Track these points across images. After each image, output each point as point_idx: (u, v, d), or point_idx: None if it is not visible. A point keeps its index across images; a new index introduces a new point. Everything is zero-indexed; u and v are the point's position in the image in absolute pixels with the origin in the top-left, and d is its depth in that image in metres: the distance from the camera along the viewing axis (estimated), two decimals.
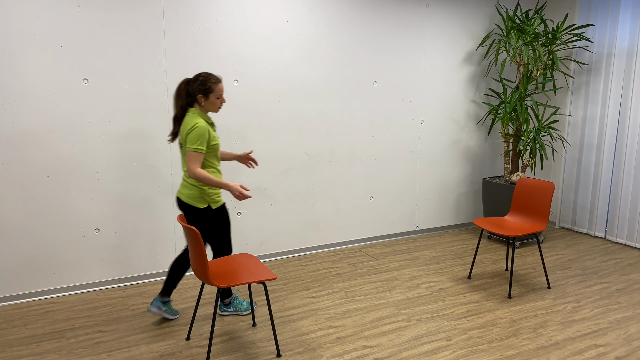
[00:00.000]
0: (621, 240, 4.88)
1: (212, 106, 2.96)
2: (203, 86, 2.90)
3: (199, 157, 2.84)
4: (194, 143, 2.82)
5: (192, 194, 2.95)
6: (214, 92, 2.92)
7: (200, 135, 2.82)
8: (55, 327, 3.16)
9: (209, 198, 2.97)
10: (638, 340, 3.03)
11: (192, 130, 2.83)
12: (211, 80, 2.91)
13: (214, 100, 2.94)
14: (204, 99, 2.93)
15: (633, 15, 4.62)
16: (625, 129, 4.76)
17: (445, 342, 3.01)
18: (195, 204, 2.95)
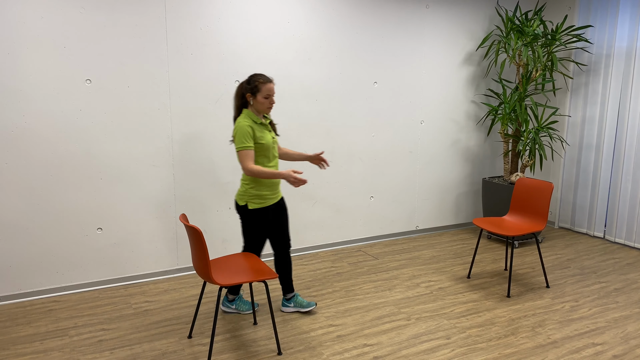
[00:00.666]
0: (620, 240, 4.91)
1: (261, 106, 3.00)
2: (250, 85, 2.96)
3: (248, 154, 2.92)
4: (240, 143, 2.92)
5: (238, 191, 3.13)
6: (261, 92, 2.96)
7: (242, 134, 2.90)
8: (58, 325, 3.19)
9: (247, 197, 3.04)
10: (635, 339, 3.06)
11: (239, 129, 2.93)
12: (259, 79, 2.95)
13: (262, 100, 2.98)
14: (252, 98, 2.99)
15: (632, 17, 4.65)
16: (624, 130, 4.79)
17: (444, 340, 3.04)
18: (238, 200, 3.09)
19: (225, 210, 4.13)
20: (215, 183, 4.07)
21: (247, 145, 2.91)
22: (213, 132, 3.99)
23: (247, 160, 2.92)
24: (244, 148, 2.91)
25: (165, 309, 3.43)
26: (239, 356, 2.85)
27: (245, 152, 2.92)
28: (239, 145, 2.92)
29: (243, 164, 2.93)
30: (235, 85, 4.01)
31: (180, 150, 3.89)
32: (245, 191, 3.05)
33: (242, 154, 2.92)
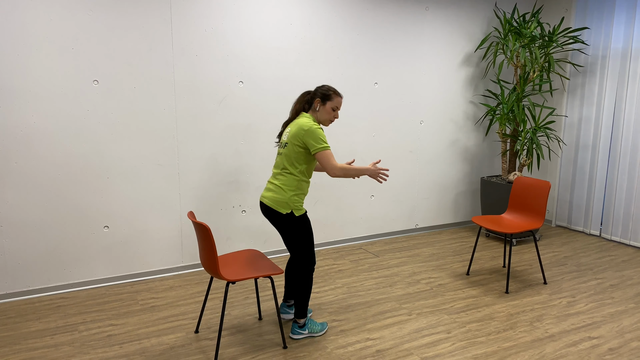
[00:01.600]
0: (615, 238, 5.00)
1: (326, 114, 2.97)
2: (324, 92, 2.95)
3: (331, 154, 2.84)
4: (321, 142, 2.83)
5: (276, 198, 2.89)
6: (332, 101, 2.95)
7: (320, 134, 2.83)
8: (67, 320, 3.26)
9: (292, 204, 2.90)
10: (630, 333, 3.15)
11: (311, 132, 2.82)
12: (332, 90, 2.96)
13: (329, 109, 2.96)
14: (320, 104, 2.95)
15: (627, 19, 4.74)
16: (620, 130, 4.88)
17: (445, 334, 3.12)
18: (279, 208, 2.89)
19: (229, 208, 4.21)
20: (219, 182, 4.14)
21: (327, 145, 2.84)
22: (217, 132, 4.07)
23: (332, 159, 2.83)
24: (326, 147, 2.83)
25: (171, 305, 3.51)
26: (245, 350, 2.93)
27: (329, 152, 2.83)
28: (320, 145, 2.82)
29: (330, 164, 2.82)
30: (239, 86, 4.08)
31: (185, 149, 3.97)
32: (289, 198, 2.89)
33: (327, 154, 2.82)
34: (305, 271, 2.99)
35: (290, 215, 2.90)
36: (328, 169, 2.84)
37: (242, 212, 4.28)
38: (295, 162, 2.90)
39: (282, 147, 2.97)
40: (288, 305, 3.32)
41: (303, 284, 3.00)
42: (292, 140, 2.88)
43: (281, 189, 2.90)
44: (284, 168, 2.92)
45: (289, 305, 3.32)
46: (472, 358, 2.84)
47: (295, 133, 2.87)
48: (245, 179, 4.25)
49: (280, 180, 2.92)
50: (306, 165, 2.93)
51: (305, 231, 2.95)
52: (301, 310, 3.04)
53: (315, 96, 2.97)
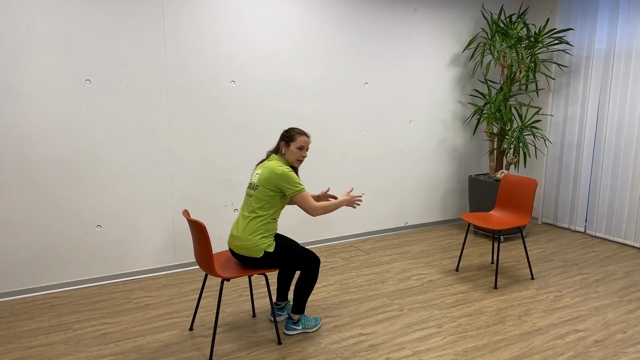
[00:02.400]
0: (600, 234, 5.12)
1: (292, 156, 2.98)
2: (287, 134, 2.99)
3: (308, 194, 2.91)
4: (296, 185, 2.88)
5: (245, 246, 2.88)
6: (296, 142, 2.97)
7: (293, 177, 2.87)
8: (61, 319, 3.27)
9: (263, 246, 2.88)
10: (615, 326, 3.24)
11: (284, 175, 2.86)
12: (295, 130, 3.00)
13: (294, 150, 2.97)
14: (285, 147, 2.99)
15: (610, 20, 4.86)
16: (603, 128, 5.00)
17: (436, 329, 3.19)
18: (253, 255, 2.88)
19: (221, 207, 4.24)
20: (211, 181, 4.17)
21: (303, 187, 2.90)
22: (209, 131, 4.09)
23: (309, 200, 2.90)
24: (302, 189, 2.89)
25: (165, 303, 3.53)
26: (240, 346, 2.96)
27: (305, 194, 2.90)
28: (296, 188, 2.87)
29: (309, 205, 2.90)
30: (231, 87, 4.11)
31: (178, 149, 3.99)
32: (259, 241, 2.88)
33: (304, 196, 2.89)
34: (312, 271, 3.01)
35: (266, 255, 2.90)
36: (309, 210, 2.91)
37: (234, 210, 4.32)
38: (267, 205, 2.90)
39: (251, 189, 2.96)
40: (279, 308, 3.32)
41: (307, 282, 3.02)
42: (264, 184, 2.88)
43: (248, 239, 2.87)
44: (253, 211, 2.90)
45: (279, 307, 3.32)
46: (463, 351, 2.91)
47: (267, 177, 2.88)
48: (238, 178, 4.28)
49: (249, 227, 2.89)
50: (277, 208, 2.94)
51: (287, 252, 2.94)
52: (300, 306, 3.07)
53: (280, 139, 3.02)
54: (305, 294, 3.05)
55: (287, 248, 2.96)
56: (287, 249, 2.96)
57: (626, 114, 4.79)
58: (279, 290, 3.29)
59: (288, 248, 2.96)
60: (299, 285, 3.04)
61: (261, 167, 2.96)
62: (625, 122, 4.81)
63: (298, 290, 3.05)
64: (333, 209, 2.99)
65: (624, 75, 4.78)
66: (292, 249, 2.97)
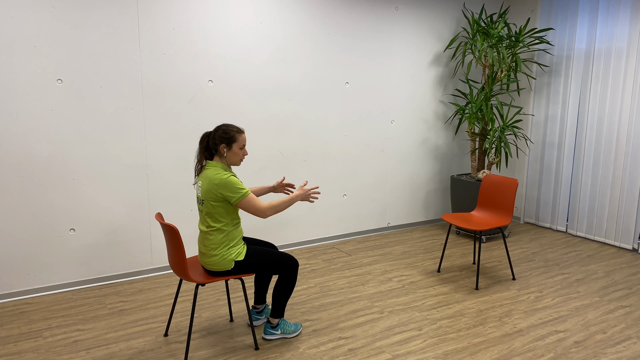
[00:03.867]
0: (581, 233, 5.14)
1: (235, 157, 2.81)
2: (226, 135, 2.77)
3: (253, 197, 2.73)
4: (238, 191, 2.69)
5: (215, 262, 2.77)
6: (238, 142, 2.79)
7: (234, 183, 2.69)
8: (31, 327, 3.17)
9: (232, 257, 2.78)
10: (595, 326, 3.23)
11: (224, 182, 2.68)
12: (234, 129, 2.79)
13: (237, 151, 2.80)
14: (226, 149, 2.78)
15: (590, 20, 4.87)
16: (584, 128, 5.01)
17: (416, 331, 3.14)
18: (225, 268, 2.78)
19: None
20: (189, 182, 4.08)
21: (246, 190, 2.72)
22: (186, 132, 4.01)
23: (256, 203, 2.72)
24: (246, 194, 2.71)
25: (140, 308, 3.44)
26: (216, 352, 2.89)
27: (249, 197, 2.71)
28: (238, 195, 2.69)
29: (257, 209, 2.72)
30: (209, 86, 4.04)
31: (154, 150, 3.90)
32: (225, 253, 2.77)
33: (248, 200, 2.71)
34: (290, 275, 2.93)
35: (237, 264, 2.80)
36: (257, 214, 2.74)
37: None
38: (218, 216, 2.75)
39: (199, 204, 2.82)
40: (258, 312, 3.23)
41: (285, 286, 2.94)
42: (207, 197, 2.73)
43: (214, 255, 2.77)
44: (209, 226, 2.77)
45: (258, 311, 3.23)
46: (443, 354, 2.87)
47: (207, 189, 2.72)
48: None
49: (211, 242, 2.77)
50: (230, 216, 2.79)
51: (259, 258, 2.84)
52: (278, 310, 3.00)
53: (218, 141, 2.78)
54: (284, 297, 2.97)
55: (259, 253, 2.85)
56: (260, 254, 2.85)
57: (606, 114, 4.81)
58: (257, 293, 3.21)
59: (260, 253, 2.85)
60: (277, 289, 2.96)
61: (201, 179, 2.78)
62: (605, 122, 4.82)
63: (276, 294, 2.97)
64: (284, 207, 2.79)
65: (603, 75, 4.79)
66: (265, 254, 2.86)
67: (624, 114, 4.66)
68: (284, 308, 3.02)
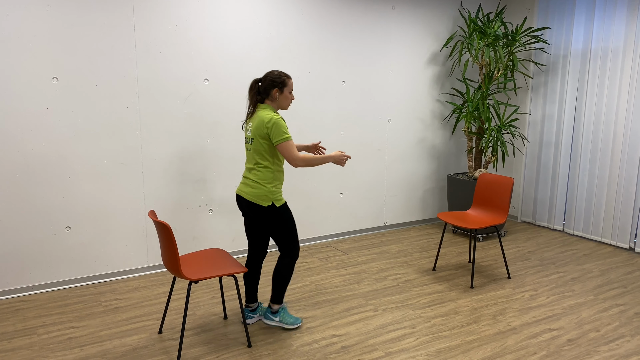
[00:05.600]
0: (578, 232, 5.14)
1: (285, 101, 3.00)
2: (279, 79, 2.96)
3: (292, 144, 2.88)
4: (282, 134, 2.85)
5: (255, 193, 2.94)
6: (288, 86, 2.99)
7: (281, 126, 2.85)
8: (26, 324, 3.18)
9: (272, 196, 2.95)
10: (589, 324, 3.24)
11: (272, 124, 2.85)
12: (283, 74, 2.98)
13: (287, 95, 3.00)
14: (279, 93, 2.97)
15: (587, 19, 4.87)
16: (581, 127, 5.01)
17: (409, 329, 3.15)
18: (260, 202, 2.94)
19: (195, 207, 4.16)
20: (185, 181, 4.09)
21: (289, 136, 2.89)
22: (182, 130, 4.02)
23: (293, 150, 2.87)
24: (287, 139, 2.86)
25: (135, 306, 3.45)
26: (209, 349, 2.90)
27: (289, 143, 2.87)
28: (280, 137, 2.85)
29: (291, 155, 2.87)
30: (204, 84, 4.04)
31: (150, 148, 3.91)
32: (268, 191, 2.94)
33: (287, 145, 2.86)
34: (288, 261, 3.07)
35: (272, 207, 2.96)
36: (289, 160, 2.88)
37: (208, 211, 4.24)
38: (266, 154, 2.93)
39: (248, 143, 3.00)
40: (251, 310, 3.24)
41: (284, 272, 3.07)
42: (257, 135, 2.91)
43: (258, 184, 2.95)
44: (257, 163, 2.96)
45: (252, 309, 3.24)
46: (436, 352, 2.88)
47: (258, 127, 2.90)
48: (212, 177, 4.21)
49: (256, 175, 2.96)
50: (274, 157, 2.97)
51: (289, 220, 3.03)
52: (277, 295, 3.13)
53: (271, 86, 2.96)
54: (283, 282, 3.10)
55: (290, 219, 3.04)
56: (290, 220, 3.03)
57: (602, 113, 4.80)
58: (248, 291, 3.23)
59: (291, 220, 3.04)
60: (277, 274, 3.09)
61: (252, 120, 2.96)
62: (601, 121, 4.82)
63: (275, 278, 3.10)
64: (316, 163, 2.94)
65: (600, 74, 4.79)
66: (292, 224, 3.04)
67: (621, 113, 4.66)
68: (282, 294, 3.14)
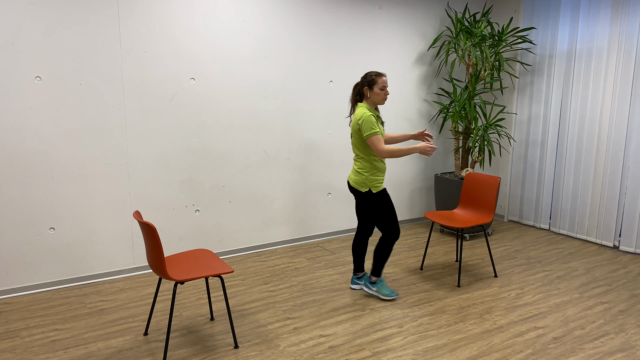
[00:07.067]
0: (563, 231, 5.18)
1: (377, 97, 3.34)
2: (367, 79, 3.34)
3: (379, 138, 3.24)
4: (369, 129, 3.22)
5: (357, 180, 3.40)
6: (377, 84, 3.31)
7: (370, 122, 3.22)
8: (9, 327, 3.13)
9: (370, 183, 3.36)
10: (574, 322, 3.26)
11: (362, 120, 3.24)
12: (373, 73, 3.33)
13: (378, 92, 3.32)
14: (369, 91, 3.33)
15: (572, 20, 4.92)
16: (566, 127, 5.06)
17: (397, 329, 3.15)
18: (359, 188, 3.39)
19: (181, 208, 4.13)
20: (171, 181, 4.06)
21: (377, 130, 3.22)
22: (168, 130, 3.99)
23: (379, 143, 3.23)
24: (375, 133, 3.22)
25: (121, 308, 3.41)
26: (196, 351, 2.88)
27: (377, 137, 3.22)
28: (369, 132, 3.21)
29: (377, 148, 3.23)
30: (191, 83, 4.02)
31: (135, 148, 3.87)
32: (365, 179, 3.36)
33: (375, 139, 3.22)
34: (387, 241, 3.45)
35: (369, 193, 3.37)
36: (376, 152, 3.26)
37: (195, 211, 4.21)
38: (361, 147, 3.34)
39: (351, 137, 3.41)
40: (357, 278, 3.72)
41: (383, 250, 3.48)
42: (353, 130, 3.35)
43: (359, 172, 3.39)
44: (357, 154, 3.40)
45: (358, 277, 3.71)
46: (423, 351, 2.88)
47: (353, 123, 3.34)
48: (198, 177, 4.18)
49: (357, 165, 3.41)
50: (368, 149, 3.33)
51: (385, 205, 3.40)
52: (376, 269, 3.54)
53: (362, 85, 3.36)
54: (382, 259, 3.50)
55: (387, 205, 3.40)
56: (387, 205, 3.40)
57: (587, 113, 4.85)
58: (355, 262, 3.71)
59: (388, 206, 3.40)
60: (377, 250, 3.50)
61: (352, 117, 3.38)
62: (586, 120, 4.87)
63: (376, 253, 3.52)
64: (402, 154, 3.26)
65: (584, 74, 4.84)
66: (390, 209, 3.41)
67: (605, 113, 4.71)
68: (380, 269, 3.54)
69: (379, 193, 3.39)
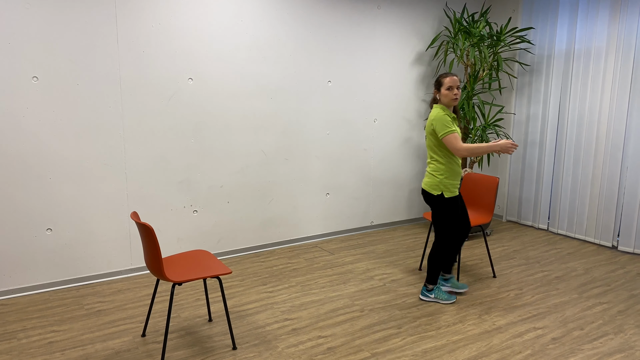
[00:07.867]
0: (562, 231, 5.18)
1: (445, 98, 3.30)
2: (435, 81, 3.36)
3: (456, 136, 3.19)
4: (444, 129, 3.19)
5: (429, 182, 3.36)
6: (444, 85, 3.29)
7: (444, 121, 3.20)
8: (6, 328, 3.11)
9: (442, 187, 3.31)
10: (572, 322, 3.26)
11: (435, 121, 3.23)
12: (441, 75, 3.33)
13: (445, 92, 3.28)
14: (437, 93, 3.34)
15: (570, 20, 4.91)
16: (564, 127, 5.06)
17: (395, 329, 3.14)
18: (431, 190, 3.34)
19: (179, 209, 4.12)
20: (168, 182, 4.05)
21: (452, 129, 3.18)
22: (166, 130, 3.97)
23: (456, 141, 3.18)
24: (451, 131, 3.18)
25: (118, 309, 3.40)
26: (194, 352, 2.86)
27: (453, 135, 3.18)
28: (444, 131, 3.18)
29: (455, 146, 3.17)
30: (189, 84, 4.00)
31: (132, 148, 3.86)
32: (439, 182, 3.30)
33: (451, 138, 3.18)
34: (440, 247, 3.43)
35: (440, 197, 3.32)
36: (453, 151, 3.20)
37: (193, 212, 4.20)
38: (436, 149, 3.31)
39: (426, 139, 3.39)
40: (445, 279, 3.68)
41: (435, 257, 3.44)
42: (427, 131, 3.32)
43: (432, 175, 3.35)
44: (431, 157, 3.36)
45: (445, 279, 3.68)
46: (422, 352, 2.87)
47: (428, 124, 3.31)
48: (196, 178, 4.17)
49: (431, 167, 3.37)
50: (443, 151, 3.29)
51: (450, 213, 3.34)
52: (431, 277, 3.50)
53: (434, 88, 3.41)
54: (433, 265, 3.46)
55: (453, 213, 3.35)
56: (452, 213, 3.35)
57: (586, 113, 4.85)
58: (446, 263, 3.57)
59: (452, 213, 3.35)
60: (430, 257, 3.48)
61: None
62: (585, 120, 4.86)
63: (428, 261, 3.50)
64: (482, 152, 3.19)
65: (583, 74, 4.84)
66: (453, 217, 3.36)
67: (603, 113, 4.70)
68: (434, 275, 3.48)
69: (451, 199, 3.32)
